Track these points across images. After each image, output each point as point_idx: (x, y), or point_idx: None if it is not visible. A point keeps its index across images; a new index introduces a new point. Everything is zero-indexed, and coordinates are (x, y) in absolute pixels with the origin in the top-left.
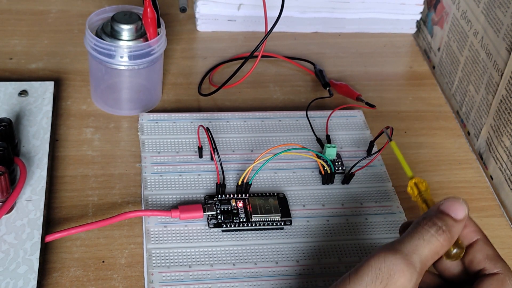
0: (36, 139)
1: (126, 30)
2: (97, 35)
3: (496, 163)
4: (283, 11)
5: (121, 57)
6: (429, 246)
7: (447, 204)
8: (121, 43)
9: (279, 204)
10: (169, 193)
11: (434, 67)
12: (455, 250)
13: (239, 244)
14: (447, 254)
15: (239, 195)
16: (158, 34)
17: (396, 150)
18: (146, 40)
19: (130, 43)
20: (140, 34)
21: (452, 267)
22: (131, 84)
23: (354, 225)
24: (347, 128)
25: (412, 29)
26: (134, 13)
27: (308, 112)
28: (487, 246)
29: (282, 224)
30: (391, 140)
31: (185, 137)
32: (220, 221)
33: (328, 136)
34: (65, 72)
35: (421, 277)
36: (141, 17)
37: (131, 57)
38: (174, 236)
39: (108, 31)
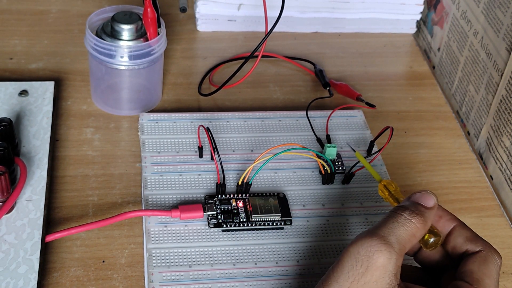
0: (37, 139)
1: (126, 30)
2: (97, 35)
3: (496, 163)
4: (283, 11)
5: (121, 57)
6: (404, 228)
7: (416, 195)
8: (121, 43)
9: (279, 204)
10: (169, 193)
11: (434, 67)
12: (432, 239)
13: (239, 244)
14: (426, 244)
15: (239, 195)
16: (158, 34)
17: (361, 159)
18: (146, 40)
19: (130, 43)
20: (140, 34)
21: (432, 255)
22: (131, 84)
23: (354, 225)
24: (347, 128)
25: (412, 29)
26: (134, 13)
27: (308, 112)
28: (465, 230)
29: (282, 224)
30: (355, 151)
31: (185, 137)
32: (220, 221)
33: (328, 136)
34: (65, 72)
35: (401, 258)
36: (141, 17)
37: (131, 57)
38: (174, 236)
39: (108, 31)
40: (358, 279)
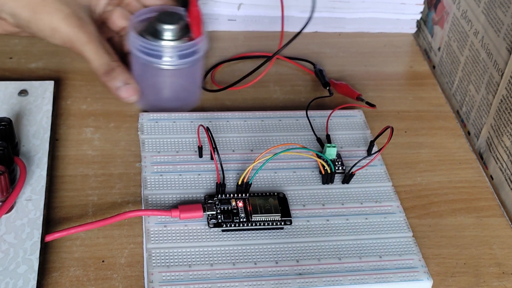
0: (36, 139)
1: (170, 30)
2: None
3: (496, 163)
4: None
5: (168, 57)
6: None
7: None
8: (166, 43)
9: (279, 204)
10: (169, 193)
11: (434, 67)
12: None
13: (239, 244)
14: None
15: (239, 195)
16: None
17: None
18: (190, 39)
19: (176, 43)
20: (184, 34)
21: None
22: (172, 83)
23: (354, 225)
24: (347, 127)
25: (412, 29)
26: (176, 13)
27: (308, 112)
28: None
29: (282, 224)
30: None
31: (185, 136)
32: (220, 220)
33: (328, 136)
34: (65, 71)
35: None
36: (184, 17)
37: (178, 57)
38: (174, 236)
39: (151, 31)
40: None
